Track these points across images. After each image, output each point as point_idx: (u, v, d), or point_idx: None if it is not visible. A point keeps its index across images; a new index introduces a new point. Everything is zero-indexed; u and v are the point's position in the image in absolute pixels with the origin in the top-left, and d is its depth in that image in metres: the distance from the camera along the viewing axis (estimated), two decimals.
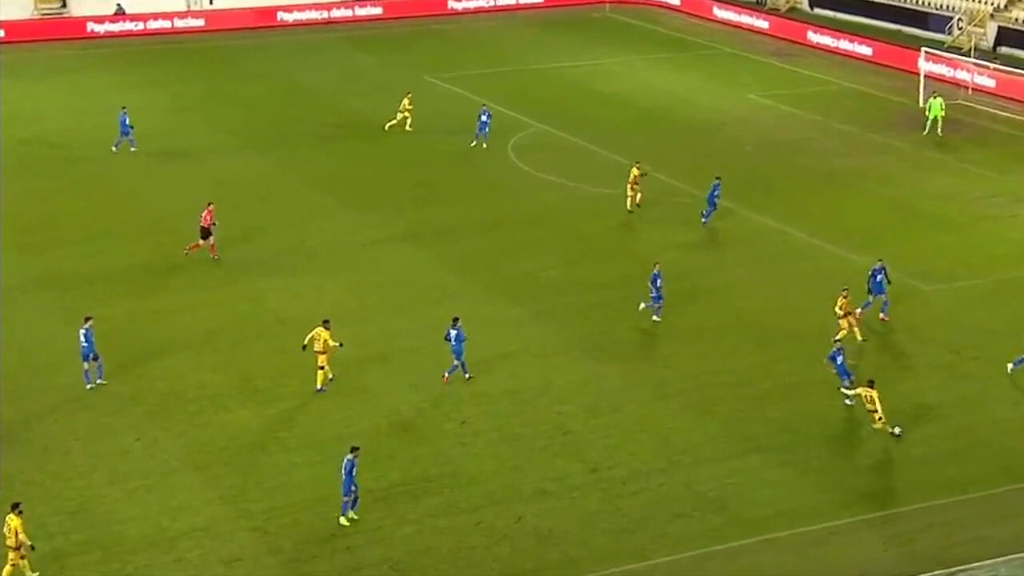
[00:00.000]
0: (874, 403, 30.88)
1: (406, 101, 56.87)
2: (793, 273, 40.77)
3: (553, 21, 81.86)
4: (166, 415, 32.78)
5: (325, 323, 33.93)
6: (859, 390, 31.40)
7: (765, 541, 27.39)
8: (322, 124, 58.76)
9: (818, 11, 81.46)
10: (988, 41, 71.17)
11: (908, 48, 67.54)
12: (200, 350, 36.23)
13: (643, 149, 53.77)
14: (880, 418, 30.94)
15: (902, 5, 77.18)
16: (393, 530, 27.97)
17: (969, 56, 65.56)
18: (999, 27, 71.17)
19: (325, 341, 33.57)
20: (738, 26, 78.96)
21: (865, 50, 70.37)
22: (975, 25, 72.09)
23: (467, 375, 34.22)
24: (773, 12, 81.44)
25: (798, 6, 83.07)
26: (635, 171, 46.60)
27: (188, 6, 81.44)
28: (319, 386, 33.75)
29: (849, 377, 32.56)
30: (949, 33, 72.63)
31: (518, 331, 36.86)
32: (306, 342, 33.71)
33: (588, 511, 28.55)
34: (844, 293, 35.91)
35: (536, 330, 37.12)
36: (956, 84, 61.76)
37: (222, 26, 79.51)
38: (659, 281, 37.13)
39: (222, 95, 64.27)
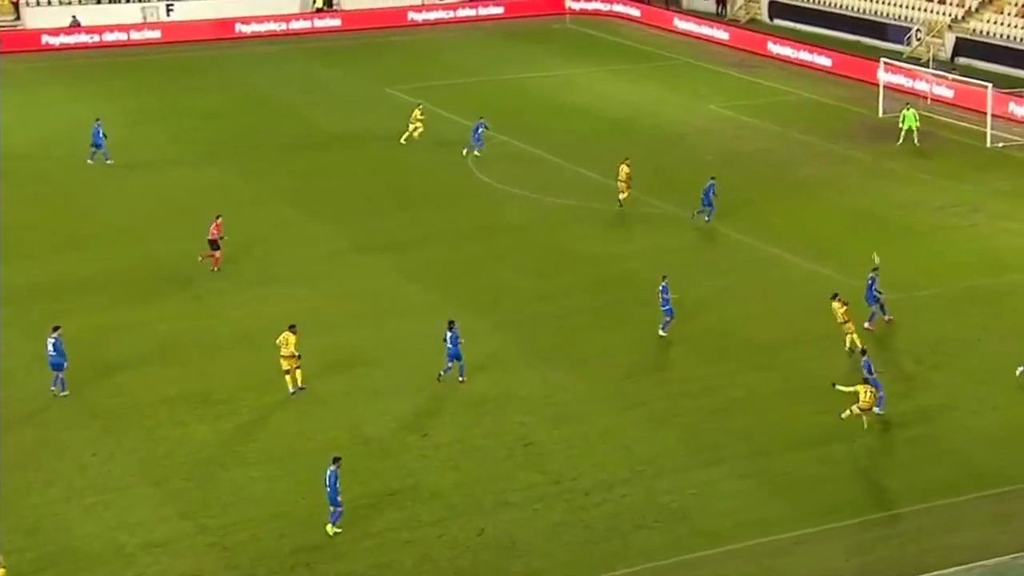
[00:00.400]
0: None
1: (417, 112, 56.74)
2: (756, 283, 40.83)
3: (514, 32, 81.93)
4: (123, 429, 32.46)
5: (292, 328, 34.05)
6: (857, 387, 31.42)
7: (728, 552, 27.36)
8: (283, 136, 58.53)
9: (778, 22, 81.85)
10: (946, 52, 71.69)
11: (867, 59, 67.94)
12: (159, 363, 35.93)
13: (605, 160, 53.77)
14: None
15: (861, 16, 77.68)
16: (354, 544, 27.77)
17: (927, 67, 66.01)
18: (957, 38, 71.70)
19: (292, 347, 33.76)
20: (699, 37, 79.23)
21: (825, 61, 70.75)
22: (933, 36, 72.61)
23: (461, 378, 34.32)
24: (733, 23, 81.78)
25: (758, 17, 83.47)
26: (625, 168, 47.37)
27: (144, 18, 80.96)
28: (291, 390, 33.85)
29: (879, 387, 32.14)
30: (908, 44, 73.12)
31: (480, 342, 36.69)
32: (278, 343, 33.93)
33: (551, 523, 28.44)
34: (840, 299, 35.98)
35: (498, 341, 37.02)
36: (915, 95, 62.13)
37: (179, 38, 79.11)
38: (667, 294, 37.00)
39: (180, 107, 63.92)
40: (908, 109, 56.53)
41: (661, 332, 37.14)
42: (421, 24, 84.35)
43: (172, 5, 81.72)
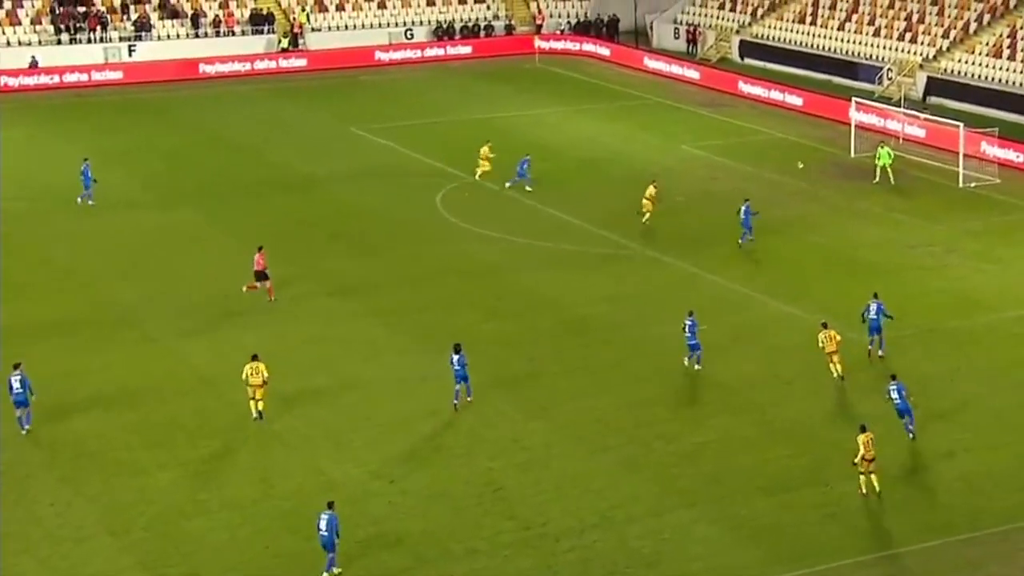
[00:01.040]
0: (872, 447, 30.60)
1: (486, 149, 56.94)
2: (726, 325, 40.90)
3: (482, 72, 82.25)
4: (82, 478, 32.20)
5: (254, 357, 34.77)
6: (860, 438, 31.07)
7: None
8: (247, 177, 58.50)
9: (749, 61, 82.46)
10: (918, 91, 72.34)
11: (839, 98, 68.49)
12: (118, 410, 35.70)
13: (574, 200, 54.06)
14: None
15: (832, 56, 78.34)
16: None
17: (899, 106, 66.57)
18: (928, 77, 72.38)
19: (262, 374, 34.41)
20: (669, 76, 79.71)
21: (796, 100, 71.27)
22: (904, 75, 73.30)
23: (469, 397, 35.36)
24: (704, 63, 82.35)
25: (729, 56, 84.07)
26: (652, 189, 50.10)
27: (106, 58, 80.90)
28: (259, 411, 34.54)
29: (908, 414, 33.14)
30: (879, 83, 73.76)
31: (448, 386, 36.60)
32: (243, 377, 34.43)
33: (521, 570, 28.33)
34: (829, 327, 36.78)
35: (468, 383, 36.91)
36: (887, 134, 62.61)
37: (142, 78, 79.07)
38: (696, 329, 37.44)
39: (142, 148, 63.84)
40: (882, 147, 57.14)
41: (697, 367, 37.46)
42: (388, 64, 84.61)
43: (134, 45, 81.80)
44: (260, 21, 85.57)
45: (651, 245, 48.40)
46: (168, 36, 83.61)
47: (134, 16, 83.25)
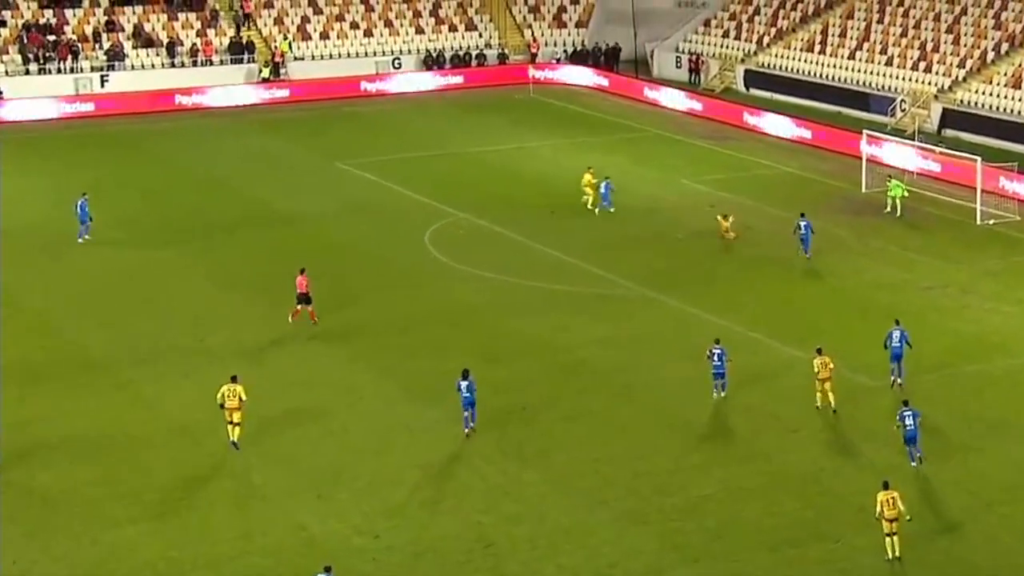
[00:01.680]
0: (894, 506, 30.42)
1: (588, 176, 58.04)
2: (729, 370, 40.91)
3: (473, 103, 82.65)
4: (48, 534, 32.12)
5: (233, 379, 35.60)
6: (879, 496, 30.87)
7: None
8: (226, 214, 58.67)
9: (754, 92, 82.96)
10: (932, 124, 72.73)
11: (849, 131, 68.83)
12: (87, 459, 35.66)
13: (569, 237, 54.23)
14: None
15: (842, 86, 78.85)
16: None
17: (913, 139, 66.90)
18: (944, 109, 72.79)
19: (239, 396, 35.20)
20: (670, 108, 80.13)
21: (804, 133, 71.64)
22: (919, 107, 73.71)
23: (472, 425, 36.48)
24: (707, 93, 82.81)
25: (733, 87, 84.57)
26: (724, 223, 53.28)
27: (77, 90, 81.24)
28: (234, 440, 35.31)
29: (915, 442, 34.35)
30: (892, 115, 74.18)
31: (436, 436, 36.70)
32: (219, 399, 35.01)
33: None
34: (821, 353, 37.70)
35: (455, 435, 36.96)
36: (900, 169, 62.89)
37: (115, 110, 79.37)
38: (724, 358, 38.66)
39: (115, 184, 64.00)
40: (891, 180, 57.61)
41: (722, 393, 38.71)
42: (375, 95, 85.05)
43: (107, 76, 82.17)
44: (240, 50, 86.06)
45: (648, 284, 48.56)
46: (143, 66, 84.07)
47: (106, 45, 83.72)
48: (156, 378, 40.97)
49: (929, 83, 75.13)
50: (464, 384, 36.45)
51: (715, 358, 38.82)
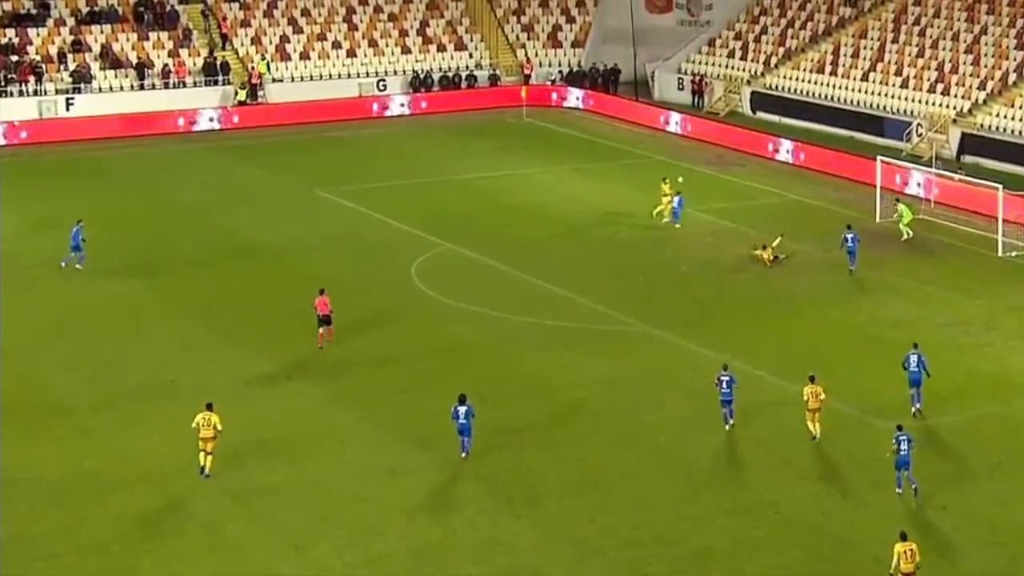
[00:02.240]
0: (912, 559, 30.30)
1: (665, 187, 60.77)
2: (734, 411, 40.87)
3: (464, 127, 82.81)
4: None
5: (208, 406, 36.61)
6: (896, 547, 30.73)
7: None
8: (199, 245, 58.66)
9: (761, 115, 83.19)
10: (951, 149, 72.91)
11: (861, 157, 68.93)
12: (45, 509, 35.46)
13: (565, 269, 54.23)
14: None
15: (855, 109, 79.07)
16: None
17: (930, 166, 67.04)
18: (963, 133, 72.97)
19: (215, 426, 36.22)
20: (672, 132, 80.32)
21: (814, 159, 71.75)
22: (936, 131, 73.91)
23: (464, 453, 37.48)
24: (711, 116, 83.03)
25: (739, 110, 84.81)
26: (764, 254, 54.54)
27: (41, 113, 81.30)
28: (206, 470, 36.30)
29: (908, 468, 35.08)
30: (908, 140, 74.39)
31: (422, 481, 36.58)
32: (194, 426, 35.75)
33: None
34: (814, 381, 38.34)
35: (442, 479, 36.88)
36: (915, 197, 62.98)
37: (81, 136, 79.30)
38: (733, 385, 39.29)
39: (82, 214, 63.64)
40: (900, 203, 58.39)
41: (731, 421, 39.44)
42: (359, 118, 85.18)
43: (73, 99, 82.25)
44: (214, 71, 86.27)
45: (649, 320, 48.53)
46: (111, 88, 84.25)
47: (72, 66, 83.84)
48: (122, 421, 40.79)
49: (947, 106, 75.36)
50: (462, 410, 37.52)
51: (723, 384, 39.43)
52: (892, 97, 78.26)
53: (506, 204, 65.40)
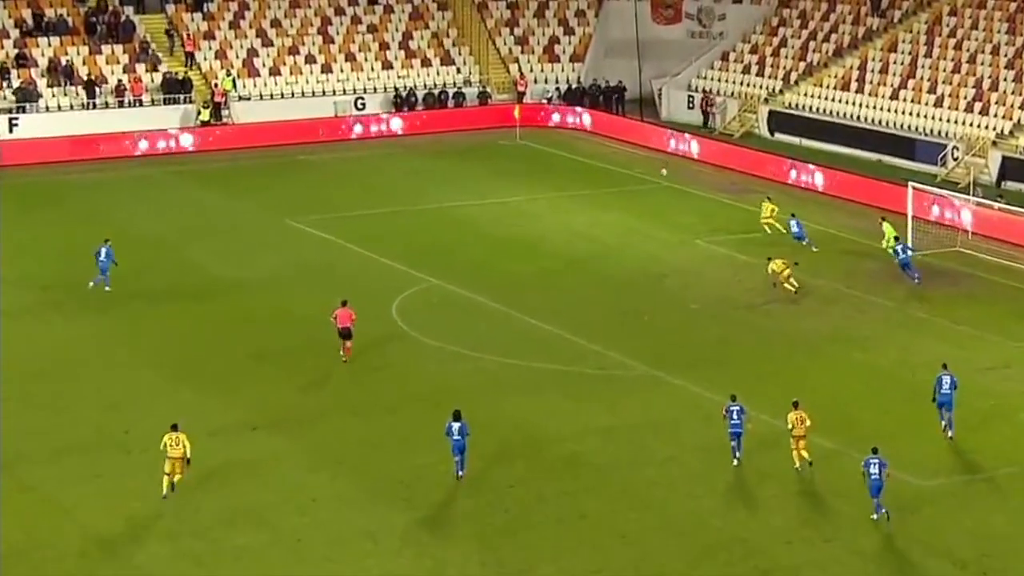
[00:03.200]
0: None
1: (770, 206, 63.85)
2: (748, 465, 40.87)
3: (451, 150, 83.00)
4: None
5: (174, 427, 38.53)
6: None
7: None
8: (155, 280, 58.70)
9: (780, 137, 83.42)
10: (990, 175, 73.11)
11: (891, 183, 69.15)
12: None
13: (561, 307, 54.31)
14: None
15: (883, 131, 79.25)
16: None
17: (968, 193, 67.19)
18: (1003, 157, 73.16)
19: (184, 445, 38.21)
20: (682, 155, 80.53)
21: (837, 184, 71.94)
22: (974, 155, 74.11)
23: (461, 472, 39.20)
24: (724, 139, 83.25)
25: (755, 131, 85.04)
26: (781, 270, 55.51)
27: None
28: (164, 493, 37.91)
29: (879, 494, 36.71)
30: (942, 165, 74.60)
31: (404, 543, 36.53)
32: (162, 447, 37.86)
33: None
34: (797, 407, 40.16)
35: (426, 541, 36.86)
36: (951, 227, 63.11)
37: (26, 159, 79.29)
38: (743, 416, 40.65)
39: (28, 245, 64.03)
40: (884, 222, 59.62)
41: (738, 454, 40.69)
42: (334, 140, 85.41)
43: (16, 119, 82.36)
44: (175, 88, 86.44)
45: (654, 363, 48.57)
46: (59, 107, 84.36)
47: (16, 82, 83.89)
48: (69, 478, 40.71)
49: (986, 127, 75.58)
50: (456, 426, 39.12)
51: (733, 415, 40.45)
52: (925, 117, 78.48)
53: (497, 235, 65.49)
